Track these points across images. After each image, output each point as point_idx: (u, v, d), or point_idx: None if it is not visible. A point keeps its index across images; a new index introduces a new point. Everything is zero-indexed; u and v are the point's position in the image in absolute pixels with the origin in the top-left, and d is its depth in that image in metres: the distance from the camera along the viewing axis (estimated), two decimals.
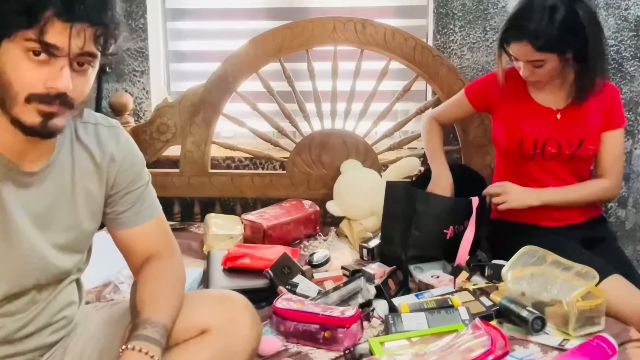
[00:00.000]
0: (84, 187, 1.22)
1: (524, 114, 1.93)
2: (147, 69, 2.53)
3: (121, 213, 1.29)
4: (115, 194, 1.27)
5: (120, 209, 1.29)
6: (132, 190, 1.29)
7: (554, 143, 1.90)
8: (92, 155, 1.22)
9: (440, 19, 2.39)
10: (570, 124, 1.91)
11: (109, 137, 1.25)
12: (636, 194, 2.45)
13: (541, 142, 1.90)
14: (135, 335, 1.14)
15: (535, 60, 1.79)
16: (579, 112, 1.91)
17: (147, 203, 1.32)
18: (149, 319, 1.17)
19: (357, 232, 2.21)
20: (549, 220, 1.95)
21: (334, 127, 2.42)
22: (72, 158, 1.20)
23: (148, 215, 1.32)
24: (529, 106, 1.94)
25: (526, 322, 1.51)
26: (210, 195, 2.45)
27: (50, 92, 1.03)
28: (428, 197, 1.89)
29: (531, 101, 1.94)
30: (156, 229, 1.33)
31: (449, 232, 1.88)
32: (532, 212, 1.92)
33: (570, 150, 1.91)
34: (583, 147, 1.91)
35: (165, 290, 1.25)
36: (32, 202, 1.15)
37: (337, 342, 1.50)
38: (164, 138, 2.41)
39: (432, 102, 2.40)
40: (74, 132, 1.22)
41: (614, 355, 1.38)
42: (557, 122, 1.92)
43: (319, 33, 2.34)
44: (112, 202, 1.28)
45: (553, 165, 1.91)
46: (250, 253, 1.90)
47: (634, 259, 2.44)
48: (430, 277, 1.78)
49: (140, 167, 1.32)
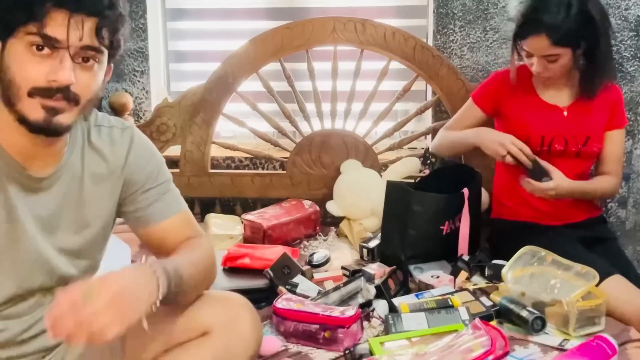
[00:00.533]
0: (94, 193, 1.21)
1: (531, 111, 1.94)
2: (147, 69, 2.53)
3: (143, 210, 1.27)
4: (134, 192, 1.26)
5: (142, 206, 1.27)
6: (152, 187, 1.27)
7: (561, 140, 1.91)
8: (105, 158, 1.22)
9: (440, 19, 2.39)
10: (577, 121, 1.93)
11: (123, 139, 1.25)
12: (636, 194, 2.45)
13: (548, 139, 1.91)
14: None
15: (550, 54, 1.79)
16: (585, 109, 1.93)
17: (170, 199, 1.30)
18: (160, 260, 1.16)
19: (357, 232, 2.21)
20: (551, 219, 1.95)
21: (334, 127, 2.42)
22: (83, 163, 1.20)
23: (174, 210, 1.30)
24: (536, 103, 1.95)
25: (526, 322, 1.51)
26: (210, 195, 2.45)
27: (52, 85, 1.04)
28: (422, 197, 1.89)
29: (538, 98, 1.95)
30: (183, 224, 1.31)
31: (445, 228, 1.89)
32: (533, 211, 1.92)
33: (576, 148, 1.92)
34: (589, 145, 1.93)
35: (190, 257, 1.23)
36: (40, 206, 1.14)
37: (337, 342, 1.50)
38: (164, 138, 2.41)
39: (432, 102, 2.41)
40: (86, 136, 1.21)
41: (614, 356, 1.38)
42: (564, 119, 1.93)
43: (319, 33, 2.34)
44: (131, 200, 1.27)
45: (559, 163, 1.90)
46: (250, 253, 1.90)
47: (634, 259, 2.43)
48: (430, 277, 1.78)
49: (157, 164, 1.30)
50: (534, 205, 1.97)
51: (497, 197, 2.12)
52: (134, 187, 1.26)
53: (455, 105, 2.32)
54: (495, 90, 2.01)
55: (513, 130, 1.94)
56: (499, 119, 2.04)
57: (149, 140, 1.32)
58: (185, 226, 1.32)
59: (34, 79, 1.03)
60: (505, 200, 2.06)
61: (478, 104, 2.04)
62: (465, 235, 1.92)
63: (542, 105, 1.95)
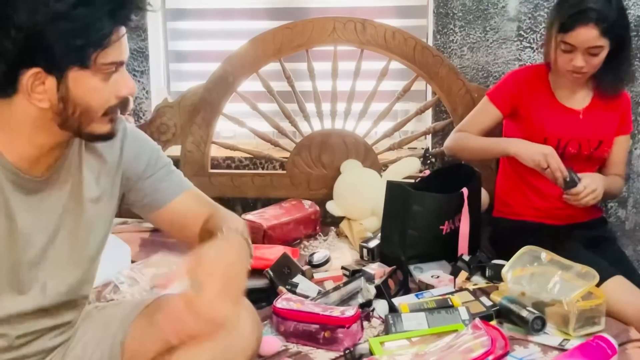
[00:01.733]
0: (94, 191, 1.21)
1: (548, 112, 1.93)
2: (147, 69, 2.53)
3: (149, 195, 1.28)
4: (136, 182, 1.27)
5: (147, 192, 1.28)
6: (152, 174, 1.28)
7: (575, 143, 1.92)
8: (102, 156, 1.22)
9: (440, 19, 2.39)
10: (591, 125, 1.93)
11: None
12: (636, 194, 2.45)
13: (564, 142, 1.91)
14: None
15: (595, 46, 1.78)
16: (599, 114, 1.94)
17: (175, 180, 1.31)
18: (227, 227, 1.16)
19: (357, 232, 2.21)
20: (554, 219, 1.95)
21: (334, 127, 2.42)
22: (80, 162, 1.19)
23: (179, 189, 1.30)
24: (554, 105, 1.94)
25: (526, 322, 1.51)
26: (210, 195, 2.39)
27: (123, 100, 1.08)
28: (422, 197, 1.89)
29: (555, 100, 1.95)
30: (194, 198, 1.32)
31: (445, 228, 1.89)
32: (537, 211, 1.92)
33: (589, 151, 1.93)
34: (600, 149, 1.94)
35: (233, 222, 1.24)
36: (40, 208, 1.14)
37: (337, 342, 1.49)
38: (164, 138, 2.41)
39: (432, 102, 2.41)
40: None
41: (614, 356, 1.38)
42: (579, 122, 1.93)
43: (319, 33, 2.34)
44: (136, 190, 1.28)
45: (569, 166, 1.88)
46: None
47: (634, 259, 2.43)
48: (430, 277, 1.78)
49: (152, 152, 1.30)
50: (538, 205, 1.97)
51: (500, 196, 2.11)
52: (135, 177, 1.27)
53: (456, 105, 2.33)
54: (513, 89, 1.98)
55: (530, 131, 1.93)
56: (513, 120, 2.01)
57: (139, 130, 1.32)
58: (198, 200, 1.33)
59: (108, 99, 1.06)
60: (509, 199, 2.05)
61: (495, 103, 1.99)
62: (465, 235, 1.92)
63: (559, 107, 1.94)
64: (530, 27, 2.35)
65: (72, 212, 1.18)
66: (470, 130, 2.01)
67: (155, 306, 1.31)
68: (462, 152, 2.06)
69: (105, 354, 1.25)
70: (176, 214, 1.30)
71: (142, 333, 1.26)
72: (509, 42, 2.37)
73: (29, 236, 1.13)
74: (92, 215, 1.21)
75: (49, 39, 0.98)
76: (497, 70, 2.39)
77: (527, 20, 2.35)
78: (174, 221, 1.31)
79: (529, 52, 2.37)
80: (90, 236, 1.22)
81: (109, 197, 1.24)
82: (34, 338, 1.19)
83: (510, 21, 2.36)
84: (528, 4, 2.34)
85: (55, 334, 1.23)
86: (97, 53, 1.01)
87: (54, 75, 1.01)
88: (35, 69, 1.00)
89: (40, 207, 1.14)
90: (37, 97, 1.02)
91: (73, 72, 1.01)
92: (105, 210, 1.24)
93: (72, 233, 1.19)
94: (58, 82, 1.01)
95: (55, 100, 1.03)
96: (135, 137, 1.28)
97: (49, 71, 1.00)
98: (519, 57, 2.37)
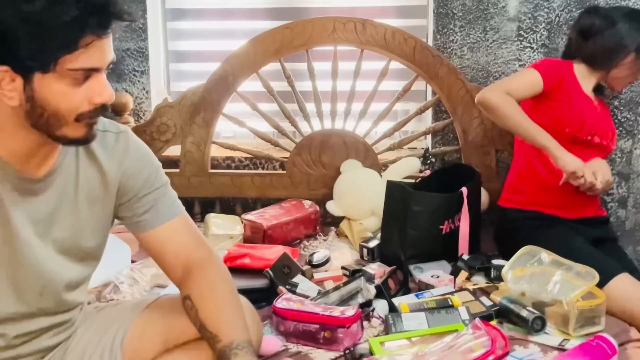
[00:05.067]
0: (89, 194, 1.20)
1: (580, 100, 1.97)
2: (147, 69, 2.53)
3: (141, 215, 1.26)
4: (128, 200, 1.25)
5: (139, 212, 1.26)
6: (148, 193, 1.26)
7: (601, 133, 1.97)
8: (99, 163, 1.21)
9: (440, 19, 2.39)
10: (605, 117, 2.03)
11: (117, 144, 1.23)
12: (636, 194, 2.45)
13: (594, 129, 1.95)
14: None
15: None
16: (603, 109, 2.04)
17: (168, 202, 1.29)
18: (234, 342, 1.14)
19: (357, 232, 2.21)
20: (565, 211, 1.95)
21: (334, 127, 2.42)
22: (77, 165, 1.19)
23: (170, 214, 1.28)
24: (582, 95, 1.99)
25: (526, 322, 1.51)
26: (210, 195, 2.45)
27: (97, 107, 1.06)
28: (422, 197, 1.89)
29: (582, 91, 1.99)
30: (182, 227, 1.29)
31: (445, 227, 1.89)
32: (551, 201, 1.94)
33: (607, 142, 1.99)
34: (612, 141, 2.02)
35: (230, 303, 1.22)
36: (35, 208, 1.14)
37: (337, 342, 1.49)
38: (164, 138, 2.41)
39: (432, 102, 2.41)
40: None
41: (614, 355, 1.38)
42: (598, 114, 2.00)
43: (319, 33, 2.34)
44: (128, 207, 1.26)
45: (588, 155, 1.88)
46: (250, 253, 1.90)
47: (634, 259, 2.43)
48: (430, 277, 1.78)
49: (152, 171, 1.28)
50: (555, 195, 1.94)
51: (513, 184, 2.08)
52: (130, 194, 1.25)
53: (455, 105, 2.33)
54: (559, 68, 1.98)
55: (567, 114, 1.92)
56: (546, 99, 1.95)
57: (144, 144, 1.31)
58: (184, 232, 1.30)
59: (80, 106, 1.05)
60: (524, 186, 2.02)
61: (543, 73, 1.92)
62: (465, 235, 1.92)
63: (586, 97, 1.99)
64: (530, 27, 2.35)
65: (67, 215, 1.18)
66: (515, 97, 1.89)
67: (156, 306, 1.31)
68: (498, 115, 1.89)
69: (105, 353, 1.25)
70: (158, 240, 1.27)
71: (142, 333, 1.26)
72: (509, 42, 2.37)
73: (24, 236, 1.12)
74: (87, 218, 1.21)
75: (12, 39, 0.97)
76: (497, 70, 2.39)
77: (527, 20, 2.35)
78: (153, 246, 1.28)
79: (529, 52, 2.37)
80: (85, 239, 1.22)
81: (103, 205, 1.23)
82: (32, 338, 1.19)
83: (510, 21, 2.36)
84: (528, 4, 2.34)
85: (53, 333, 1.23)
86: (62, 58, 1.00)
87: (20, 75, 1.01)
88: (5, 67, 1.00)
89: (35, 209, 1.14)
90: (8, 95, 1.02)
91: (38, 74, 1.01)
92: (100, 215, 1.23)
93: (67, 235, 1.19)
94: (24, 82, 1.01)
95: (24, 100, 1.03)
96: (138, 154, 1.27)
97: (15, 71, 1.00)
98: (519, 57, 2.38)
